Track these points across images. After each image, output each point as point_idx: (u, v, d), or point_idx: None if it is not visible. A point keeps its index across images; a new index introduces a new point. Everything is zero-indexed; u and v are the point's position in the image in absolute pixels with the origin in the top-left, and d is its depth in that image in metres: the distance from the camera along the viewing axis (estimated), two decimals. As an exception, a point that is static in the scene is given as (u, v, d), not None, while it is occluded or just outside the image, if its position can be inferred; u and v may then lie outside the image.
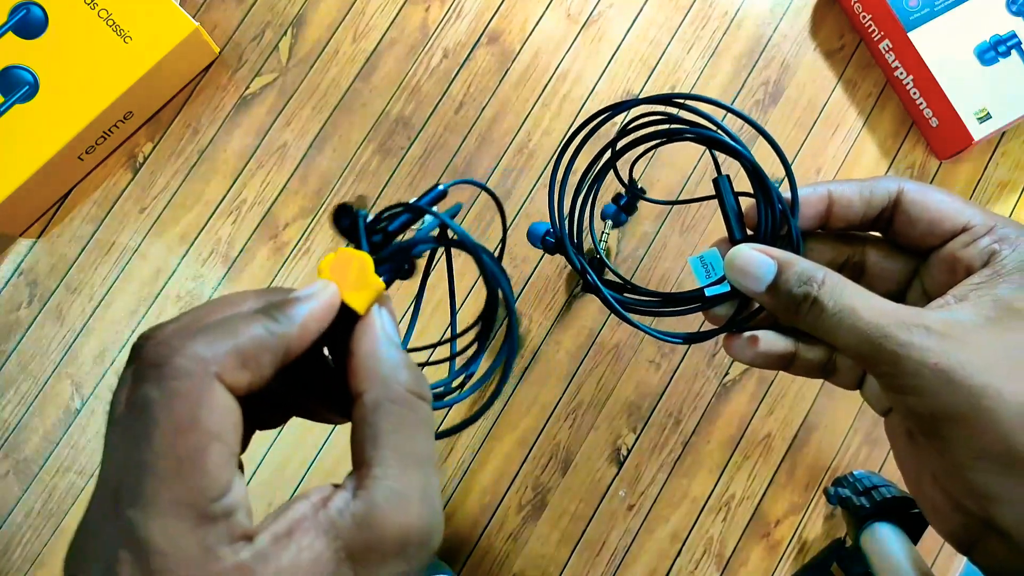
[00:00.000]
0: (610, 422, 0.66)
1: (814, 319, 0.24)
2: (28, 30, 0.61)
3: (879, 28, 0.69)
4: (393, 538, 0.18)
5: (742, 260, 0.26)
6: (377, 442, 0.19)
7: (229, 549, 0.17)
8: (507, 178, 0.68)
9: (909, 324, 0.22)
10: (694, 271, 0.28)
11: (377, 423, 0.19)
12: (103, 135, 0.64)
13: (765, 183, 0.27)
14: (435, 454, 0.20)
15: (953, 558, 0.67)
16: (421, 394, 0.20)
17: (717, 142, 0.27)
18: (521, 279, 0.67)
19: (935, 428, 0.22)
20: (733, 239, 0.28)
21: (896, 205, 0.26)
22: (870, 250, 0.28)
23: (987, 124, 0.65)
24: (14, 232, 0.65)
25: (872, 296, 0.24)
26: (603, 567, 0.65)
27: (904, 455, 0.26)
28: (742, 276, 0.26)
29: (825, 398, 0.68)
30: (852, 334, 0.23)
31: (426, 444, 0.20)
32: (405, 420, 0.20)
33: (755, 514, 0.67)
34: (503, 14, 0.70)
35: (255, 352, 0.18)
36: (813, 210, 0.27)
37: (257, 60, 0.68)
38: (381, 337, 0.20)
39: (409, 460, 0.19)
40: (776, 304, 0.25)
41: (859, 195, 0.26)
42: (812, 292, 0.24)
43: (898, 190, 0.26)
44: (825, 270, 0.24)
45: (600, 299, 0.29)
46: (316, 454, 0.64)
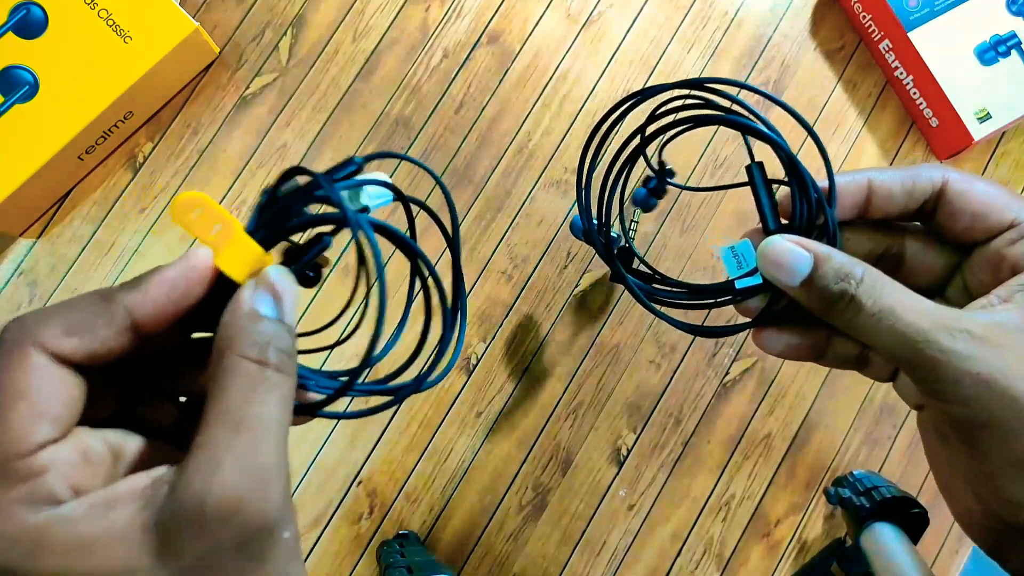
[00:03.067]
0: (610, 422, 0.66)
1: (850, 318, 0.23)
2: (28, 30, 0.61)
3: (879, 28, 0.69)
4: (194, 507, 0.17)
5: (776, 252, 0.24)
6: (209, 407, 0.18)
7: (26, 508, 0.16)
8: (507, 178, 0.68)
9: (951, 328, 0.21)
10: (724, 262, 0.27)
11: (214, 386, 0.18)
12: (103, 135, 0.64)
13: (800, 171, 0.25)
14: (281, 425, 0.18)
15: (953, 558, 0.67)
16: (268, 361, 0.18)
17: (750, 128, 0.26)
18: (521, 279, 0.67)
19: (972, 434, 0.21)
20: (767, 229, 0.27)
21: (939, 196, 0.25)
22: (910, 241, 0.26)
23: (987, 124, 0.65)
24: (14, 232, 0.65)
25: (912, 295, 0.22)
26: (603, 567, 0.65)
27: (936, 454, 0.25)
28: (775, 269, 0.24)
29: (825, 398, 0.68)
30: (890, 336, 0.22)
31: (265, 409, 0.18)
32: (243, 384, 0.18)
33: (755, 514, 0.67)
34: (503, 14, 0.70)
35: (85, 319, 0.18)
36: (851, 200, 0.25)
37: (257, 60, 0.68)
38: (241, 300, 0.19)
39: (238, 425, 0.17)
40: (811, 299, 0.24)
41: (901, 185, 0.25)
42: (850, 290, 0.23)
43: (942, 180, 0.25)
44: (864, 266, 0.23)
45: (627, 289, 0.28)
46: (316, 453, 0.64)
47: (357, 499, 0.64)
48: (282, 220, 0.20)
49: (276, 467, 0.17)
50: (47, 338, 0.18)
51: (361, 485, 0.64)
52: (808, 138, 0.28)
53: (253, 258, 0.20)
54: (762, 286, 0.26)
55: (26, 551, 0.16)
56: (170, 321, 0.20)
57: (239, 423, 0.17)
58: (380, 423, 0.65)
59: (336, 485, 0.64)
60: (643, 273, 0.30)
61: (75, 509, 0.17)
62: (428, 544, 0.64)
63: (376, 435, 0.65)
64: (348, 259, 0.66)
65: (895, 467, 0.68)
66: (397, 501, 0.64)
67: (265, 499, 0.17)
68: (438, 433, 0.65)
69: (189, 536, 0.17)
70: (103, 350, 0.18)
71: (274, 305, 0.19)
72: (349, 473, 0.64)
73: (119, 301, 0.19)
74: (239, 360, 0.18)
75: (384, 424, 0.65)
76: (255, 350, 0.18)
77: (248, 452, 0.17)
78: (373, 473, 0.64)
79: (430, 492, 0.65)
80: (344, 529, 0.64)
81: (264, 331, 0.19)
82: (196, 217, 0.20)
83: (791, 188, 0.26)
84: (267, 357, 0.18)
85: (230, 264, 0.20)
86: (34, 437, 0.17)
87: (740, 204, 0.69)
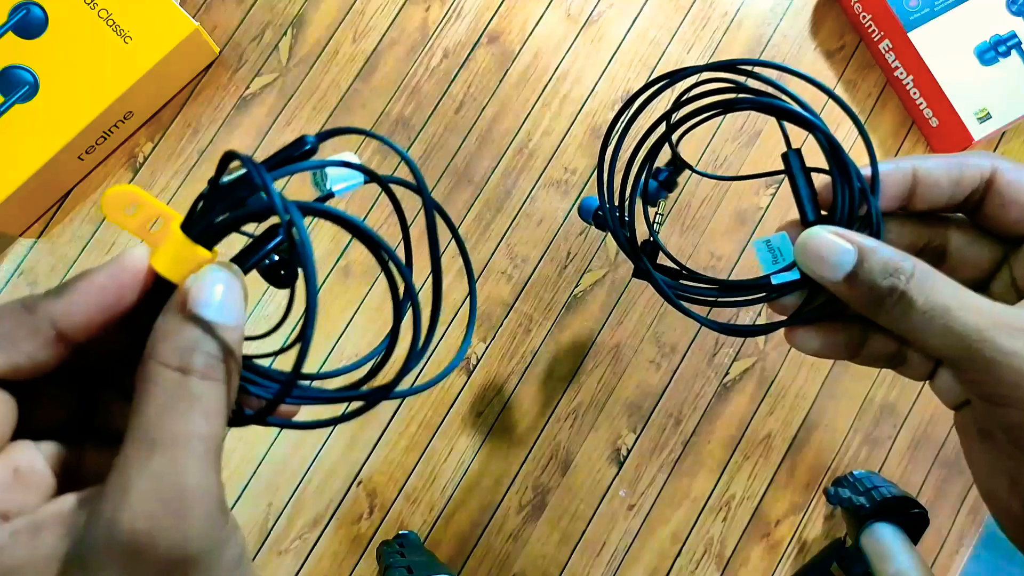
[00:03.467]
0: (610, 422, 0.66)
1: (899, 315, 0.22)
2: (28, 30, 0.61)
3: (879, 28, 0.69)
4: (104, 537, 0.15)
5: (817, 245, 0.23)
6: (129, 422, 0.16)
7: None
8: (507, 178, 0.68)
9: (1011, 328, 0.20)
10: (759, 256, 0.25)
11: (134, 399, 0.17)
12: (103, 135, 0.64)
13: (842, 158, 0.24)
14: (205, 440, 0.16)
15: (953, 558, 0.67)
16: (190, 368, 0.17)
17: (788, 112, 0.24)
18: (521, 279, 0.67)
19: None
20: (805, 221, 0.25)
21: (988, 186, 0.23)
22: (953, 234, 0.25)
23: (987, 124, 0.65)
24: (14, 232, 0.65)
25: (967, 292, 0.21)
26: (603, 567, 0.65)
27: (977, 455, 0.24)
28: (817, 263, 0.23)
29: (825, 398, 0.68)
30: (944, 336, 0.21)
31: (184, 424, 0.16)
32: (160, 396, 0.16)
33: (755, 514, 0.67)
34: (503, 14, 0.70)
35: (5, 332, 0.17)
36: (896, 190, 0.24)
37: (257, 60, 0.68)
38: (171, 302, 0.18)
39: (153, 444, 0.16)
40: (855, 296, 0.22)
41: (947, 174, 0.24)
42: (899, 285, 0.21)
43: (992, 169, 0.23)
44: (914, 260, 0.22)
45: (653, 286, 0.27)
46: (316, 454, 0.64)
47: (357, 499, 0.64)
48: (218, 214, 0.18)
49: (198, 489, 0.16)
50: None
51: (361, 485, 0.64)
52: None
53: (192, 257, 0.18)
54: (799, 282, 0.25)
55: None
56: (102, 328, 0.18)
57: (153, 441, 0.16)
58: (380, 423, 0.65)
59: (336, 485, 0.64)
60: (669, 269, 0.28)
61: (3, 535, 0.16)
62: (428, 544, 0.64)
63: (376, 435, 0.65)
64: (349, 258, 0.66)
65: (895, 467, 0.68)
66: (397, 501, 0.64)
67: (182, 527, 0.15)
68: (438, 433, 0.65)
69: (99, 568, 0.15)
70: (29, 364, 0.17)
71: (208, 305, 0.17)
72: (349, 473, 0.64)
73: (41, 310, 0.17)
74: (157, 368, 0.17)
75: (384, 424, 0.65)
76: (176, 356, 0.17)
77: (163, 474, 0.16)
78: (373, 473, 0.64)
79: (430, 492, 0.65)
80: (344, 529, 0.64)
81: (188, 335, 0.17)
82: (132, 213, 0.18)
83: (832, 176, 0.25)
84: (190, 363, 0.17)
85: (167, 264, 0.18)
86: None
87: (740, 204, 0.69)
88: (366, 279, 0.66)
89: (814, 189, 0.25)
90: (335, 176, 0.20)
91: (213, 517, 0.16)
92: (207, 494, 0.16)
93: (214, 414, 0.17)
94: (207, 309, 0.17)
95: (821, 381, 0.68)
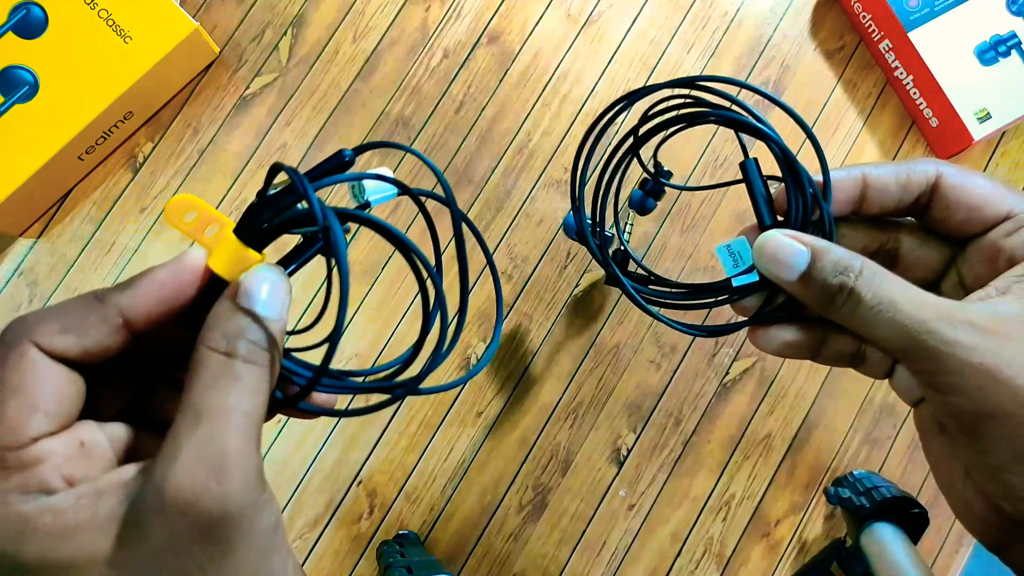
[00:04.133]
0: (610, 422, 0.66)
1: (850, 311, 0.23)
2: (28, 30, 0.61)
3: (879, 28, 0.69)
4: (154, 497, 0.17)
5: (773, 247, 0.24)
6: (180, 399, 0.18)
7: (18, 497, 0.17)
8: (507, 178, 0.68)
9: (953, 319, 0.21)
10: (721, 260, 0.27)
11: (187, 380, 0.19)
12: (103, 135, 0.64)
13: (795, 166, 0.25)
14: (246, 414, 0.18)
15: (953, 558, 0.67)
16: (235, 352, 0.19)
17: (743, 124, 0.26)
18: (521, 279, 0.67)
19: (975, 426, 0.21)
20: (762, 225, 0.27)
21: (934, 190, 0.25)
22: (904, 237, 0.26)
23: (987, 124, 0.65)
24: (14, 232, 0.65)
25: (912, 288, 0.22)
26: (603, 567, 0.65)
27: (935, 449, 0.25)
28: (773, 264, 0.24)
29: (825, 397, 0.68)
30: (891, 328, 0.22)
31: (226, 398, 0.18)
32: (207, 376, 0.18)
33: (755, 514, 0.67)
34: (503, 14, 0.70)
35: (79, 319, 0.19)
36: (846, 195, 0.25)
37: (257, 60, 0.68)
38: (222, 298, 0.20)
39: (199, 416, 0.18)
40: (809, 294, 0.24)
41: (895, 179, 0.25)
42: (849, 282, 0.23)
43: (936, 174, 0.25)
44: (862, 259, 0.23)
45: (623, 292, 0.28)
46: (316, 453, 0.64)
47: (357, 499, 0.64)
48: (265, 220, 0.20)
49: (238, 455, 0.17)
50: (43, 337, 0.18)
51: (361, 485, 0.64)
52: (807, 140, 0.28)
53: (243, 258, 0.20)
54: (759, 283, 0.26)
55: (14, 535, 0.17)
56: (162, 320, 0.20)
57: (200, 413, 0.18)
58: (380, 423, 0.65)
59: (336, 485, 0.64)
60: (639, 275, 0.30)
61: (64, 499, 0.17)
62: (428, 544, 0.64)
63: (376, 435, 0.65)
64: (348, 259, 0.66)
65: (895, 467, 0.68)
66: (397, 501, 0.64)
67: (223, 488, 0.17)
68: (438, 433, 0.65)
69: (151, 526, 0.17)
70: (97, 348, 0.19)
71: (255, 300, 0.19)
72: (349, 473, 0.64)
73: (111, 301, 0.19)
74: (206, 352, 0.19)
75: (384, 424, 0.65)
76: (223, 342, 0.18)
77: (207, 441, 0.17)
78: (373, 473, 0.64)
79: (430, 492, 0.65)
80: (344, 529, 0.64)
81: (236, 324, 0.19)
82: (191, 220, 0.20)
83: (786, 183, 0.26)
84: (235, 348, 0.18)
85: (221, 264, 0.20)
86: (28, 430, 0.18)
87: (740, 204, 0.69)
88: (366, 279, 0.66)
89: (770, 195, 0.27)
90: (371, 188, 0.22)
91: (251, 483, 0.18)
92: (246, 462, 0.18)
93: (255, 393, 0.19)
94: (254, 303, 0.19)
95: (821, 381, 0.68)
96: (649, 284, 0.30)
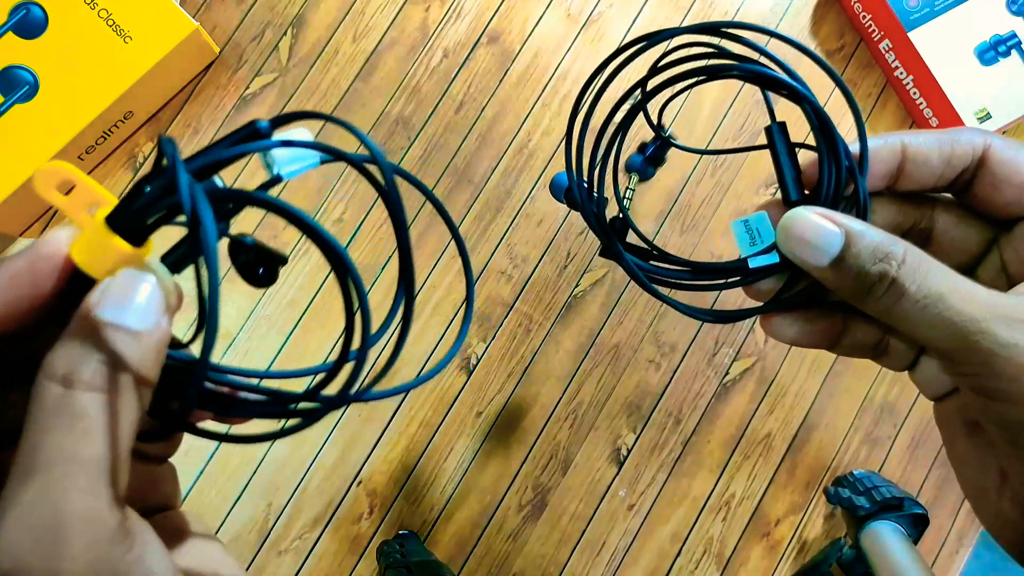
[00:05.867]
0: (610, 422, 0.66)
1: (889, 303, 0.20)
2: (28, 30, 0.61)
3: (879, 28, 0.69)
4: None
5: (801, 227, 0.21)
6: (19, 443, 0.15)
7: None
8: (507, 178, 0.68)
9: (1011, 319, 0.19)
10: (737, 237, 0.24)
11: (27, 416, 0.15)
12: (103, 135, 0.64)
13: (831, 133, 0.22)
14: (90, 461, 0.14)
15: (953, 558, 0.67)
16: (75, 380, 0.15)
17: (772, 80, 0.22)
18: (521, 279, 0.67)
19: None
20: (788, 201, 0.23)
21: (980, 165, 0.22)
22: (940, 215, 0.24)
23: (987, 124, 0.65)
24: (14, 232, 0.65)
25: (962, 280, 0.20)
26: (603, 567, 0.65)
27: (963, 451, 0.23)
28: (800, 246, 0.21)
29: (825, 397, 0.68)
30: (937, 326, 0.20)
31: (64, 443, 0.14)
32: (41, 414, 0.15)
33: (755, 514, 0.67)
34: (503, 14, 0.70)
35: None
36: (884, 167, 0.23)
37: (257, 60, 0.68)
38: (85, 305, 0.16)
39: (29, 469, 0.14)
40: (842, 282, 0.21)
41: (939, 150, 0.22)
42: (890, 272, 0.20)
43: (984, 146, 0.22)
44: (906, 244, 0.20)
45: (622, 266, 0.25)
46: (316, 453, 0.64)
47: (357, 499, 0.64)
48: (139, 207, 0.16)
49: (78, 516, 0.14)
50: None
51: (361, 485, 0.64)
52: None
53: (112, 251, 0.16)
54: (778, 265, 0.23)
55: None
56: (20, 318, 0.16)
57: (31, 468, 0.14)
58: (380, 423, 0.65)
59: (336, 485, 0.64)
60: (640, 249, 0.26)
61: None
62: (428, 544, 0.64)
63: (376, 435, 0.65)
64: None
65: (895, 467, 0.68)
66: (397, 501, 0.64)
67: (55, 560, 0.14)
68: (438, 433, 0.65)
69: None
70: None
71: (110, 308, 0.15)
72: (349, 473, 0.64)
73: None
74: (42, 383, 0.15)
75: (384, 424, 0.65)
76: (63, 366, 0.15)
77: (36, 503, 0.14)
78: (373, 473, 0.64)
79: (430, 492, 0.65)
80: (344, 529, 0.64)
81: (80, 342, 0.15)
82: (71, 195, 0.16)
83: (819, 152, 0.23)
84: (76, 374, 0.15)
85: (85, 256, 0.16)
86: None
87: (740, 204, 0.69)
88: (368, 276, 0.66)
89: (798, 167, 0.24)
90: (282, 158, 0.18)
91: (100, 546, 0.15)
92: (91, 521, 0.14)
93: (100, 431, 0.15)
94: (108, 312, 0.15)
95: (821, 380, 0.68)
96: (650, 260, 0.26)
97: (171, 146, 0.15)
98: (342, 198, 0.67)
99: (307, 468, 0.64)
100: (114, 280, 0.16)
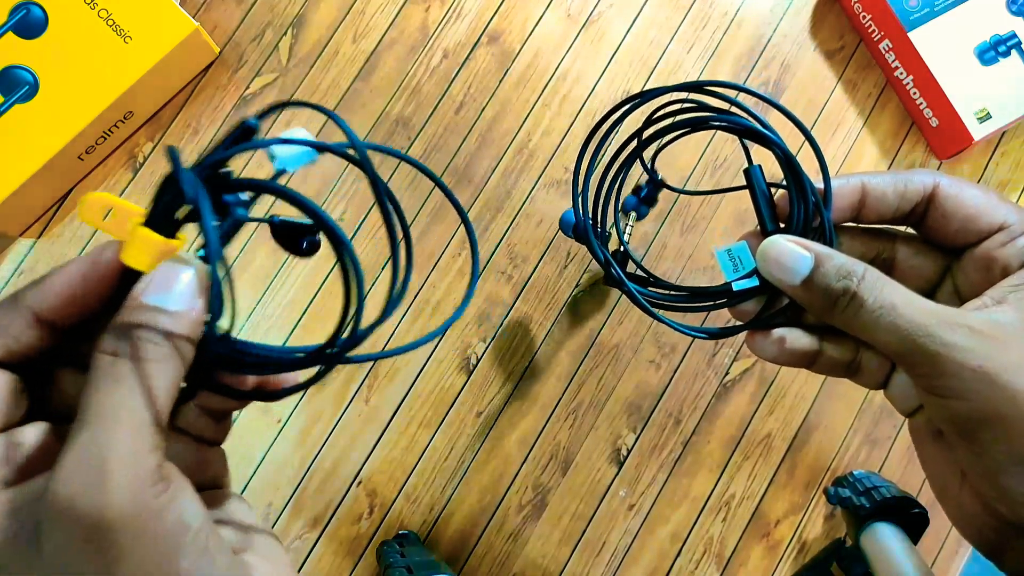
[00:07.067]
0: (610, 422, 0.66)
1: (851, 315, 0.23)
2: (28, 30, 0.61)
3: (879, 28, 0.69)
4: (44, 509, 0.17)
5: (777, 252, 0.25)
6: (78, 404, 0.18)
7: None
8: (507, 178, 0.68)
9: (952, 324, 0.22)
10: (721, 264, 0.27)
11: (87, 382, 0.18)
12: (103, 135, 0.64)
13: (798, 173, 0.26)
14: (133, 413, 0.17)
15: (953, 558, 0.67)
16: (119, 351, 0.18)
17: (747, 130, 0.26)
18: (521, 279, 0.67)
19: (972, 430, 0.22)
20: (765, 231, 0.27)
21: (930, 200, 0.25)
22: (900, 246, 0.27)
23: (987, 124, 0.65)
24: (14, 232, 0.65)
25: (912, 294, 0.23)
26: (603, 567, 0.65)
27: (930, 456, 0.25)
28: (777, 268, 0.25)
29: (825, 398, 0.68)
30: (891, 332, 0.22)
31: (108, 400, 0.17)
32: (92, 379, 0.18)
33: (755, 514, 0.67)
34: (503, 14, 0.70)
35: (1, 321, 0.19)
36: (846, 202, 0.26)
37: (257, 60, 0.68)
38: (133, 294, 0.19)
39: (81, 421, 0.17)
40: (812, 298, 0.25)
41: (893, 187, 0.26)
42: (852, 287, 0.23)
43: (933, 184, 0.25)
44: (864, 265, 0.24)
45: (624, 292, 0.29)
46: (316, 453, 0.64)
47: (357, 499, 0.64)
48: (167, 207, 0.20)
49: (122, 458, 0.17)
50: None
51: (361, 485, 0.64)
52: (805, 142, 0.28)
53: (155, 247, 0.19)
54: (759, 288, 0.27)
55: None
56: (79, 315, 0.20)
57: (84, 419, 0.17)
58: (380, 423, 0.65)
59: (336, 485, 0.64)
60: (639, 277, 0.30)
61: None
62: (428, 544, 0.64)
63: (376, 435, 0.65)
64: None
65: (895, 467, 0.68)
66: (397, 501, 0.64)
67: (100, 493, 0.16)
68: (438, 433, 0.65)
69: (42, 537, 0.17)
70: (18, 347, 0.19)
71: (151, 293, 0.19)
72: (349, 473, 0.64)
73: (21, 298, 0.20)
74: (96, 355, 0.18)
75: (384, 424, 0.65)
76: (112, 342, 0.18)
77: (87, 446, 0.17)
78: (373, 473, 0.64)
79: (430, 492, 0.65)
80: (344, 529, 0.64)
81: (125, 321, 0.18)
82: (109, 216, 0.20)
83: (789, 190, 0.27)
84: (121, 347, 0.18)
85: (135, 257, 0.19)
86: None
87: (740, 204, 0.69)
88: (372, 273, 0.66)
89: (773, 202, 0.28)
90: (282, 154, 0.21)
91: (140, 485, 0.17)
92: (132, 463, 0.17)
93: (141, 391, 0.18)
94: (150, 296, 0.19)
95: (821, 381, 0.68)
96: (648, 286, 0.30)
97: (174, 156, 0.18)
98: (342, 197, 0.67)
99: (307, 468, 0.64)
100: (157, 271, 0.19)
